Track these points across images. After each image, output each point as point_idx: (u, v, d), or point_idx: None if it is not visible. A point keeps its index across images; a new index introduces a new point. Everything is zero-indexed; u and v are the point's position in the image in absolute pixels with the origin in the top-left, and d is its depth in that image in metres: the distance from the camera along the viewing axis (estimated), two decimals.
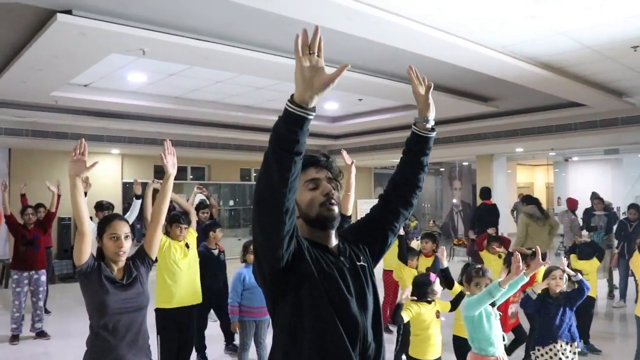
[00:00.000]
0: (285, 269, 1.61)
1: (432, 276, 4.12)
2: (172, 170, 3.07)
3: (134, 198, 5.85)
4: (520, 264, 3.57)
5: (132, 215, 5.76)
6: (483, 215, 8.83)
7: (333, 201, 1.75)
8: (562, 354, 4.16)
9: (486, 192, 9.34)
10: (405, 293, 3.89)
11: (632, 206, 8.50)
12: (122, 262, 2.83)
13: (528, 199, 8.32)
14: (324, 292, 1.64)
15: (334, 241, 1.80)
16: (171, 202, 4.23)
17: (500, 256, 6.17)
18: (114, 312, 2.70)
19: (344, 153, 3.51)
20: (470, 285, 3.91)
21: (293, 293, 1.64)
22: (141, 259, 2.95)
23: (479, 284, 3.85)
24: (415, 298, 3.97)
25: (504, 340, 3.78)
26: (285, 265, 1.60)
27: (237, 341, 5.99)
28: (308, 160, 1.76)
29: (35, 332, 6.65)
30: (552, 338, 4.20)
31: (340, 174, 1.88)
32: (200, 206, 6.97)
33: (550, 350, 4.17)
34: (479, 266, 4.13)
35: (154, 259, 3.02)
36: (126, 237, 2.82)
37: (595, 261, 6.17)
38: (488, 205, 9.05)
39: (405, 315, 3.86)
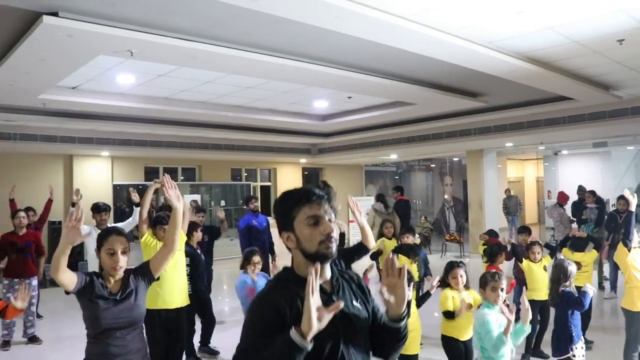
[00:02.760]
0: None
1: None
2: (177, 204, 3.00)
3: (133, 206, 5.80)
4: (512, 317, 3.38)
5: (133, 223, 5.74)
6: (398, 210, 9.79)
7: (332, 240, 1.77)
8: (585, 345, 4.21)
9: (399, 189, 10.53)
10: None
11: (621, 197, 8.56)
12: (118, 275, 2.86)
13: (379, 197, 9.83)
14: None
15: (327, 274, 1.82)
16: (151, 205, 4.27)
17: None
18: (107, 326, 2.75)
19: (351, 201, 3.67)
20: (486, 290, 3.75)
21: None
22: (143, 275, 2.96)
23: (495, 289, 3.70)
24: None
25: (512, 354, 3.62)
26: None
27: (213, 344, 5.97)
28: (309, 195, 1.78)
29: (27, 338, 6.60)
30: (580, 332, 4.21)
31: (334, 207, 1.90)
32: (197, 210, 7.30)
33: (581, 344, 4.16)
34: (494, 270, 3.95)
35: (156, 278, 3.03)
36: (123, 252, 2.84)
37: (593, 253, 6.21)
38: (403, 201, 10.25)
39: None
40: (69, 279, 2.69)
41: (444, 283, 4.33)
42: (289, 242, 1.79)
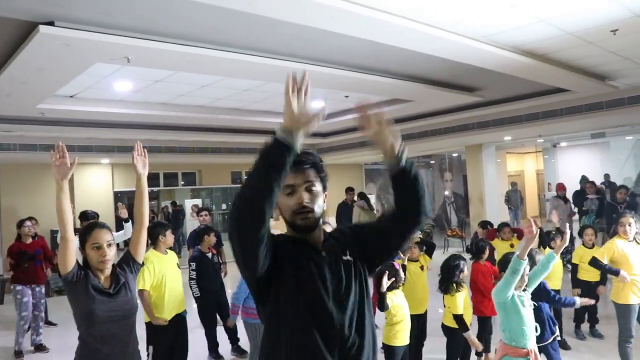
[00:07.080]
0: (264, 273, 1.68)
1: (396, 264, 4.40)
2: (142, 171, 2.96)
3: (123, 222, 5.82)
4: (534, 227, 3.27)
5: (124, 237, 5.70)
6: (343, 211, 10.78)
7: (307, 210, 1.76)
8: None
9: (350, 190, 11.21)
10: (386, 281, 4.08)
11: (621, 187, 8.58)
12: (107, 270, 2.79)
13: (361, 195, 10.70)
14: (298, 290, 1.70)
15: (316, 237, 1.82)
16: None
17: (512, 245, 6.49)
18: (102, 321, 2.67)
19: None
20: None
21: (272, 294, 1.72)
22: (127, 264, 2.92)
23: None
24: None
25: (536, 331, 3.59)
26: (264, 270, 1.67)
27: (240, 342, 6.09)
28: None
29: (34, 346, 6.63)
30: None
31: (323, 172, 1.87)
32: (200, 210, 7.59)
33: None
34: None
35: (140, 262, 2.99)
36: (109, 245, 2.78)
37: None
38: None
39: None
40: (73, 248, 2.66)
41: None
42: (275, 212, 1.80)
